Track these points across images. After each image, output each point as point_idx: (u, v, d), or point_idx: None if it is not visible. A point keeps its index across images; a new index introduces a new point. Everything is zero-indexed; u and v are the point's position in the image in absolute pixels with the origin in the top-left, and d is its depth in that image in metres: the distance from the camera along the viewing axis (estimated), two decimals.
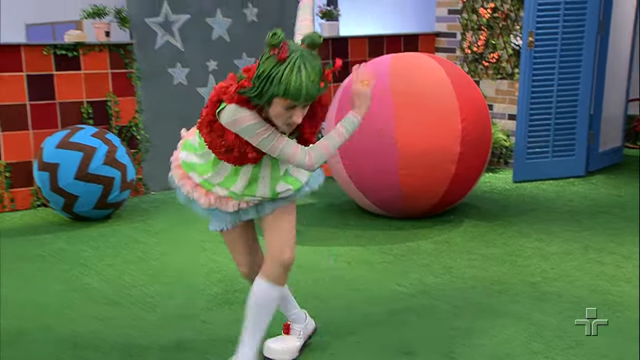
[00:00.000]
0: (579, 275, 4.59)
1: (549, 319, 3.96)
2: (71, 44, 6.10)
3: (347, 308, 4.14)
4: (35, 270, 4.76)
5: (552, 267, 4.73)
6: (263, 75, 2.78)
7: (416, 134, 5.32)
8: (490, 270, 4.68)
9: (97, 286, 4.47)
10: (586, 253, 4.98)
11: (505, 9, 7.17)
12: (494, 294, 4.31)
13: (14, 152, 5.97)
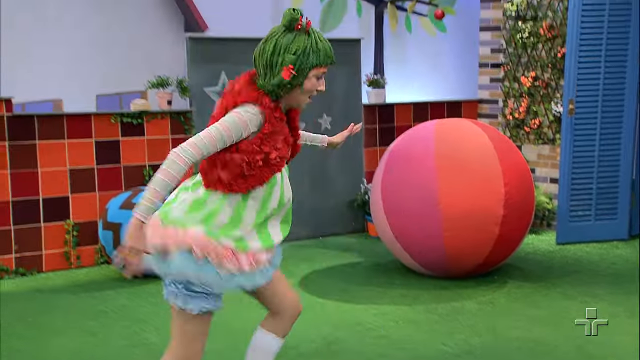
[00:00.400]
0: (624, 339, 4.45)
1: None
2: (136, 112, 6.23)
3: None
4: (99, 326, 4.77)
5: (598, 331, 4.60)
6: (299, 51, 2.77)
7: (460, 196, 5.29)
8: (535, 331, 4.58)
9: (156, 341, 4.47)
10: (631, 317, 4.84)
11: (546, 77, 7.15)
12: (539, 355, 4.21)
13: (82, 212, 6.06)
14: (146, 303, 5.19)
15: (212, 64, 6.51)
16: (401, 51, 8.33)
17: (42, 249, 5.96)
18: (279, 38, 2.82)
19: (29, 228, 5.90)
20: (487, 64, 7.71)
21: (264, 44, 2.87)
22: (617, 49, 6.58)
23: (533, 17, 7.14)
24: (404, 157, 5.63)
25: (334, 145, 3.66)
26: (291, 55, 2.78)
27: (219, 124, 2.72)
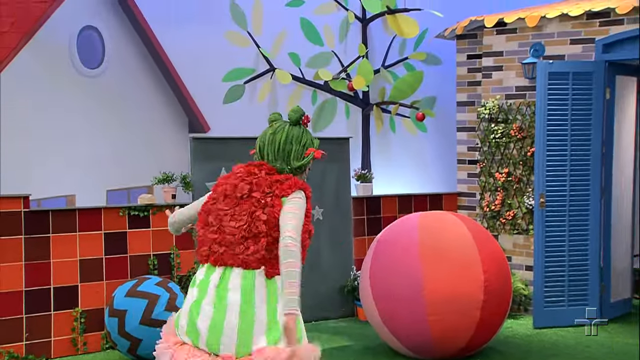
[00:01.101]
0: None
1: None
2: (143, 206, 6.23)
3: None
4: None
5: None
6: (308, 141, 3.01)
7: (443, 282, 5.27)
8: None
9: None
10: None
11: (518, 173, 7.21)
12: None
13: (89, 300, 5.98)
14: None
15: (213, 161, 6.55)
16: (386, 149, 8.40)
17: (51, 336, 5.84)
18: (288, 130, 3.01)
19: (39, 316, 5.79)
20: (465, 161, 7.78)
21: (274, 135, 3.03)
22: (581, 148, 6.67)
23: (504, 119, 7.25)
24: (391, 246, 5.62)
25: None
26: (300, 146, 2.99)
27: (296, 209, 2.86)
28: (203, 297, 2.92)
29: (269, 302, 2.85)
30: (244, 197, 2.96)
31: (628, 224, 7.28)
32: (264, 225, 2.89)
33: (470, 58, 7.67)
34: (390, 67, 8.12)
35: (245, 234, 2.90)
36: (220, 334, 2.81)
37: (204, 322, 2.87)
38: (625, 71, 7.04)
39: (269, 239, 2.88)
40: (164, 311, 5.46)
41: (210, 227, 3.02)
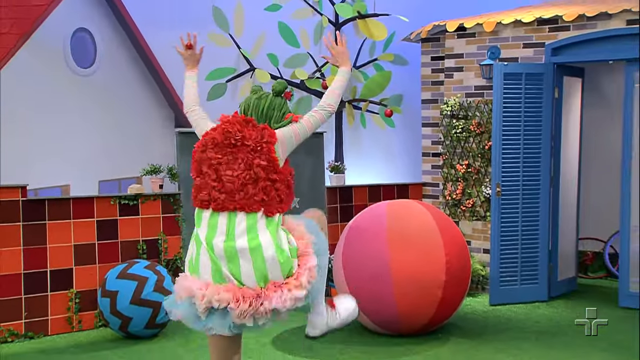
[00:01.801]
0: None
1: None
2: (132, 195, 6.23)
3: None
4: None
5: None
6: (286, 110, 3.19)
7: (408, 265, 5.31)
8: None
9: None
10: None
11: (477, 165, 7.29)
12: None
13: (83, 282, 5.98)
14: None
15: None
16: (357, 142, 8.45)
17: (48, 315, 5.84)
18: (272, 99, 3.16)
19: (37, 297, 5.79)
20: (429, 154, 7.84)
21: (259, 100, 3.17)
22: (533, 142, 6.74)
23: (464, 116, 7.32)
24: (361, 232, 5.65)
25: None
26: (280, 113, 3.14)
27: (306, 125, 3.17)
28: (212, 237, 2.95)
29: (274, 239, 2.92)
30: (236, 144, 3.00)
31: (573, 211, 7.40)
32: (263, 171, 2.97)
33: (434, 59, 7.73)
34: (361, 67, 8.17)
35: (244, 181, 2.95)
36: (239, 273, 2.89)
37: (222, 259, 2.91)
38: (572, 73, 7.16)
39: (267, 183, 2.97)
40: (153, 292, 5.49)
41: (207, 175, 3.03)
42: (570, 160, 7.24)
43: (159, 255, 6.34)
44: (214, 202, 2.98)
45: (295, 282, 2.89)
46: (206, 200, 3.00)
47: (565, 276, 7.22)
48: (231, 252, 2.89)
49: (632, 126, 6.53)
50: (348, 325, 3.14)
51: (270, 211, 2.96)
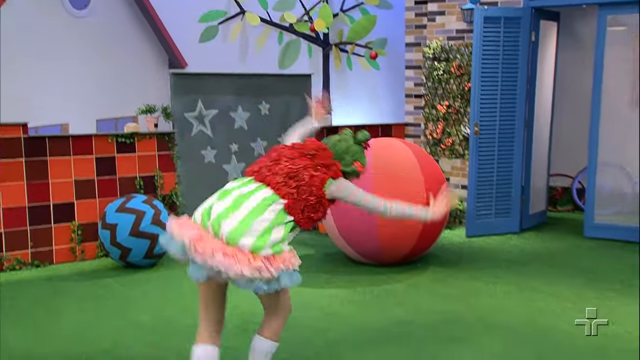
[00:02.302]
0: (516, 309, 4.58)
1: (494, 344, 3.95)
2: (129, 134, 6.20)
3: (340, 337, 4.12)
4: (98, 306, 4.75)
5: (496, 303, 4.72)
6: (358, 158, 3.23)
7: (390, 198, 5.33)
8: (449, 306, 4.67)
9: (144, 319, 4.46)
10: (521, 292, 4.97)
11: (457, 106, 7.29)
12: (451, 325, 4.29)
13: (85, 215, 6.00)
14: (137, 289, 5.16)
15: (191, 94, 6.51)
16: (344, 84, 8.39)
17: (52, 245, 5.88)
18: (351, 144, 3.21)
19: (42, 228, 5.82)
20: (412, 95, 7.83)
21: (339, 142, 3.23)
22: (509, 84, 6.73)
23: (446, 58, 7.28)
24: None
25: (319, 117, 3.77)
26: (351, 158, 3.21)
27: (356, 192, 3.17)
28: (235, 188, 3.03)
29: (273, 223, 2.92)
30: (307, 155, 3.11)
31: (545, 149, 7.45)
32: (308, 179, 3.02)
33: (418, 4, 7.62)
34: (348, 11, 8.03)
35: (291, 174, 3.03)
36: (225, 218, 2.89)
37: (219, 207, 2.96)
38: (548, 17, 7.08)
39: (304, 187, 3.00)
40: (150, 225, 5.52)
41: (269, 157, 3.14)
42: (544, 101, 7.25)
43: (156, 191, 6.35)
44: (258, 173, 3.08)
45: (253, 261, 2.83)
46: (255, 170, 3.12)
47: (536, 210, 7.33)
48: (235, 199, 2.96)
49: (602, 68, 6.52)
50: None
51: (291, 209, 2.98)
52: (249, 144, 6.86)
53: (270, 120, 6.92)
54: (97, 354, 3.87)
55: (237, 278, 2.84)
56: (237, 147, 6.79)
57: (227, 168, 6.74)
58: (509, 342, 3.97)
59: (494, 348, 3.87)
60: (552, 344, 3.93)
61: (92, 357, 3.81)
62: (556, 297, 4.83)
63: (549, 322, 4.30)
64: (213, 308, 3.12)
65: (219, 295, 3.12)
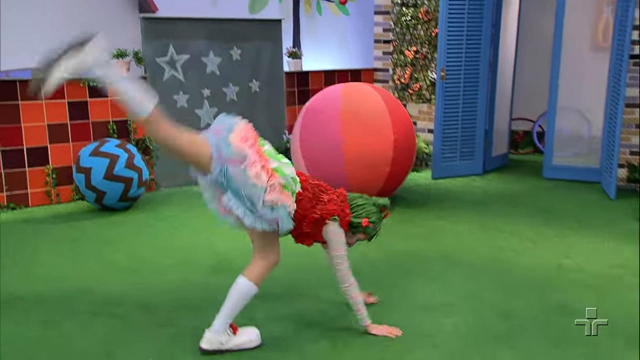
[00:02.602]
0: (478, 246, 4.67)
1: (457, 279, 4.03)
2: None
3: (310, 272, 4.17)
4: (75, 247, 4.72)
5: (460, 241, 4.80)
6: (375, 223, 3.31)
7: (359, 143, 5.34)
8: (416, 244, 4.74)
9: (120, 259, 4.45)
10: (483, 230, 5.06)
11: (424, 51, 7.25)
12: (417, 261, 4.37)
13: (59, 159, 5.90)
14: (113, 230, 5.14)
15: (162, 39, 6.35)
16: (314, 30, 8.27)
17: (27, 189, 5.79)
18: (370, 207, 3.32)
19: (16, 172, 5.71)
20: (380, 40, 7.75)
21: (359, 198, 3.36)
22: (475, 29, 6.71)
23: (414, 4, 7.19)
24: (317, 113, 5.63)
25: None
26: (372, 220, 3.31)
27: (341, 246, 3.24)
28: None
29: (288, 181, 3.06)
30: (336, 196, 3.28)
31: (508, 94, 7.49)
32: (326, 200, 3.20)
33: None
34: None
35: (318, 189, 3.24)
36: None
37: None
38: None
39: (318, 202, 3.19)
40: (124, 168, 5.46)
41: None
42: (508, 47, 7.24)
43: (129, 135, 6.26)
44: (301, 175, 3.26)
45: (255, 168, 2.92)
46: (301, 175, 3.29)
47: (498, 152, 7.42)
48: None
49: (564, 14, 6.51)
50: (246, 349, 3.14)
51: (299, 201, 3.12)
52: (221, 89, 6.76)
53: (241, 66, 6.81)
54: (76, 292, 3.86)
55: (235, 175, 2.89)
56: (209, 92, 6.68)
57: (199, 113, 6.65)
58: (471, 277, 4.05)
59: (456, 283, 3.96)
60: (512, 279, 4.02)
61: (71, 296, 3.81)
62: (517, 235, 4.93)
63: (510, 259, 4.40)
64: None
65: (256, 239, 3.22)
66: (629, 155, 6.43)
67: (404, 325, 3.36)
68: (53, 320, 3.48)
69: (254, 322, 3.38)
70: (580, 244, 4.69)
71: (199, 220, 5.36)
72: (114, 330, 3.35)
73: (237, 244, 4.76)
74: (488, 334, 3.28)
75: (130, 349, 3.15)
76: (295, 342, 3.20)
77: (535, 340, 3.21)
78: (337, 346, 3.15)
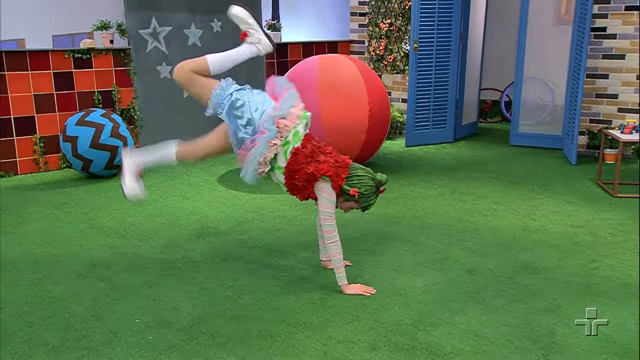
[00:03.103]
0: (448, 210, 4.70)
1: (428, 241, 4.06)
2: (85, 49, 5.90)
3: (288, 237, 4.16)
4: (64, 213, 4.66)
5: (431, 205, 4.83)
6: (366, 194, 3.27)
7: (336, 112, 5.32)
8: (389, 208, 4.76)
9: (107, 224, 4.41)
10: (453, 195, 5.09)
11: (398, 24, 7.18)
12: (391, 225, 4.39)
13: (46, 128, 5.78)
14: (100, 196, 5.08)
15: (145, 11, 6.20)
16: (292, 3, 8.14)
17: (16, 157, 5.68)
18: (367, 180, 3.30)
19: (4, 140, 5.60)
20: (356, 13, 7.66)
21: (361, 170, 3.33)
22: (446, 5, 6.67)
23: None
24: (296, 84, 5.42)
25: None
26: (362, 191, 3.27)
27: (329, 205, 3.25)
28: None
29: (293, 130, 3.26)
30: (335, 160, 3.31)
31: (478, 66, 7.48)
32: (322, 159, 3.25)
33: None
34: None
35: (318, 148, 3.32)
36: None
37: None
38: None
39: (313, 159, 3.26)
40: (110, 137, 5.38)
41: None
42: (477, 21, 7.21)
43: (114, 105, 6.14)
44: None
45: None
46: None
47: (468, 121, 7.43)
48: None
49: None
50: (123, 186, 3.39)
51: (296, 153, 3.22)
52: None
53: (222, 37, 6.69)
54: (66, 256, 3.82)
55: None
56: None
57: None
58: (442, 238, 4.08)
59: (427, 244, 3.98)
60: (480, 240, 4.06)
61: (61, 259, 3.77)
62: (484, 198, 4.96)
63: (478, 221, 4.43)
64: (213, 153, 3.45)
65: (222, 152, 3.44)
66: (589, 123, 6.48)
67: (378, 285, 3.38)
68: (43, 283, 3.45)
69: (236, 281, 3.39)
70: (543, 207, 4.75)
71: (183, 187, 5.31)
72: (101, 293, 3.33)
73: (220, 209, 4.73)
74: (457, 291, 3.32)
75: (117, 309, 3.14)
76: (273, 300, 3.20)
77: (501, 296, 3.25)
78: (315, 303, 3.17)
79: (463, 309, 3.12)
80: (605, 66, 6.29)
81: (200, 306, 3.16)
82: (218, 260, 3.73)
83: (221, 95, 3.29)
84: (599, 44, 6.27)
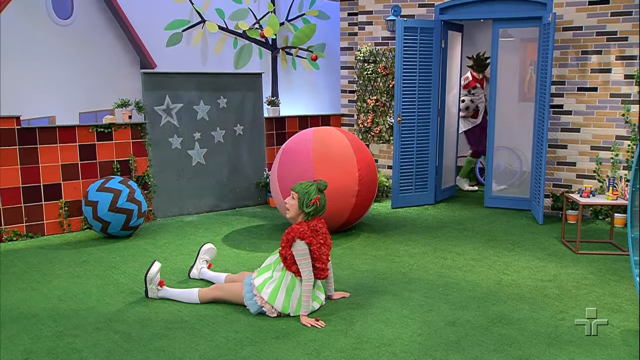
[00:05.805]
0: (431, 266, 4.71)
1: (413, 295, 4.06)
2: (107, 124, 6.04)
3: None
4: (84, 270, 4.66)
5: (415, 262, 4.83)
6: (318, 202, 3.56)
7: (328, 178, 5.35)
8: (377, 265, 4.75)
9: (123, 281, 4.41)
10: (435, 252, 5.10)
11: (383, 100, 7.37)
12: (379, 280, 4.38)
13: (70, 194, 5.84)
14: (116, 255, 5.09)
15: (160, 91, 6.38)
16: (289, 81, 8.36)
17: (43, 220, 5.71)
18: (313, 189, 3.61)
19: (34, 205, 5.64)
20: (346, 90, 7.85)
21: (306, 187, 3.63)
22: (425, 82, 6.84)
23: (374, 60, 7.33)
24: (293, 153, 5.64)
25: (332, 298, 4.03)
26: (308, 199, 3.57)
27: (305, 259, 3.57)
28: None
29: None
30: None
31: (454, 136, 7.62)
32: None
33: (350, 15, 7.63)
34: (292, 20, 7.99)
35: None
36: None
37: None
38: (454, 28, 7.22)
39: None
40: (126, 202, 5.43)
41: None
42: (452, 96, 7.40)
43: (130, 173, 6.23)
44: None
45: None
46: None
47: (447, 185, 7.51)
48: None
49: (497, 70, 6.71)
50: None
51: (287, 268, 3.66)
52: (210, 132, 6.79)
53: (227, 112, 6.86)
54: (84, 310, 3.81)
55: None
56: (199, 135, 6.71)
57: (191, 153, 6.66)
58: (425, 292, 4.08)
59: (413, 298, 3.99)
60: (459, 294, 4.06)
61: (79, 313, 3.75)
62: (463, 255, 4.98)
63: (457, 276, 4.44)
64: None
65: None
66: (553, 187, 6.59)
67: (369, 336, 3.37)
68: (64, 335, 3.43)
69: (237, 333, 3.36)
70: (515, 262, 4.77)
71: (191, 246, 5.33)
72: (116, 345, 3.31)
73: (224, 267, 4.74)
74: (439, 341, 3.31)
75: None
76: (272, 352, 3.18)
77: (480, 345, 3.25)
78: (310, 354, 3.15)
79: (445, 358, 3.11)
80: (564, 138, 6.45)
81: (206, 357, 3.14)
82: (221, 314, 3.72)
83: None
84: (557, 119, 6.45)
